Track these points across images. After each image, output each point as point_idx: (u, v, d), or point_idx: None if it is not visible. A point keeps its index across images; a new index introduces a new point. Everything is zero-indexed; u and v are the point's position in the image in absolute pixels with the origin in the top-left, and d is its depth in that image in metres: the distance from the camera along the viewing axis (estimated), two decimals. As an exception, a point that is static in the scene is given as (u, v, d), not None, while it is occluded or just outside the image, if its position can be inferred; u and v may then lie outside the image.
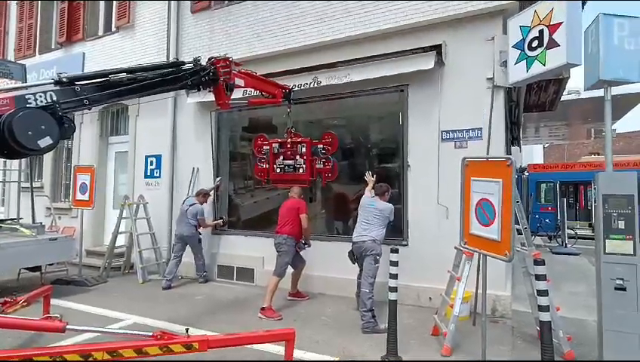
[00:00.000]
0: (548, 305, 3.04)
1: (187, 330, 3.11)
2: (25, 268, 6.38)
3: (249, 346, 3.57)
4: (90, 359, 2.75)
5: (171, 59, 7.17)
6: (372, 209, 4.75)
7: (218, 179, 6.99)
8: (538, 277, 3.10)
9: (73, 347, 3.10)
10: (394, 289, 3.74)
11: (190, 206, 6.36)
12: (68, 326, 3.17)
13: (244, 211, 7.40)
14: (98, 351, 2.78)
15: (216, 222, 6.86)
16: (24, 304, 4.06)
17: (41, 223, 6.86)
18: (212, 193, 6.90)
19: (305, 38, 6.22)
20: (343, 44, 5.96)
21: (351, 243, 4.85)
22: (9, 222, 6.94)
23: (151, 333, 3.04)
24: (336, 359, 3.69)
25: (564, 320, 4.19)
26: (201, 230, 6.56)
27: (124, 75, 3.61)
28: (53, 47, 9.88)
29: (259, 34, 6.67)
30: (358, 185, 5.73)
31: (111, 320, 4.77)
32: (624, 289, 3.05)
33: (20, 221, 6.92)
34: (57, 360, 2.70)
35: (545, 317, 3.01)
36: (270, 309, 4.92)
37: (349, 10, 5.86)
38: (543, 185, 14.98)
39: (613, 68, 3.31)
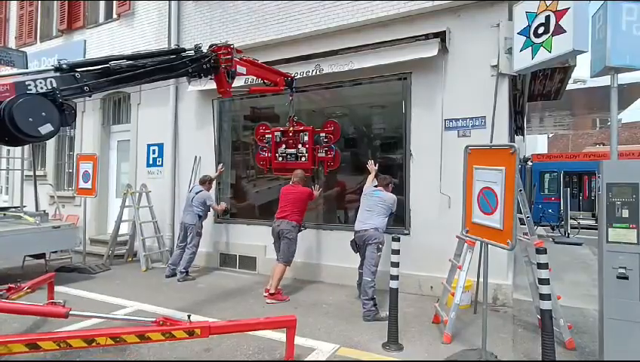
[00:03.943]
0: (549, 294, 3.03)
1: (189, 317, 3.13)
2: (29, 256, 6.44)
3: (250, 333, 3.61)
4: (94, 344, 2.79)
5: (172, 46, 7.10)
6: (375, 198, 4.73)
7: (220, 165, 6.94)
8: (540, 266, 3.09)
9: (77, 332, 3.14)
10: (395, 278, 3.75)
11: (197, 193, 6.30)
12: (71, 312, 3.21)
13: (246, 200, 7.40)
14: (101, 337, 2.81)
15: (222, 207, 6.80)
16: (28, 290, 4.13)
17: (44, 211, 6.92)
18: (215, 180, 6.87)
19: (307, 25, 6.14)
20: (345, 31, 5.88)
21: (353, 233, 4.84)
22: (13, 210, 6.99)
23: (153, 319, 3.07)
24: (338, 346, 3.71)
25: (565, 308, 4.19)
26: (204, 222, 6.49)
27: (124, 61, 3.57)
28: (54, 34, 9.82)
29: (260, 21, 6.59)
30: (360, 175, 5.71)
31: (114, 306, 4.82)
32: (627, 278, 3.03)
33: (24, 209, 6.97)
34: (61, 344, 2.74)
35: (546, 305, 3.01)
36: (279, 293, 5.04)
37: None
38: (547, 175, 14.87)
39: (620, 54, 3.25)
